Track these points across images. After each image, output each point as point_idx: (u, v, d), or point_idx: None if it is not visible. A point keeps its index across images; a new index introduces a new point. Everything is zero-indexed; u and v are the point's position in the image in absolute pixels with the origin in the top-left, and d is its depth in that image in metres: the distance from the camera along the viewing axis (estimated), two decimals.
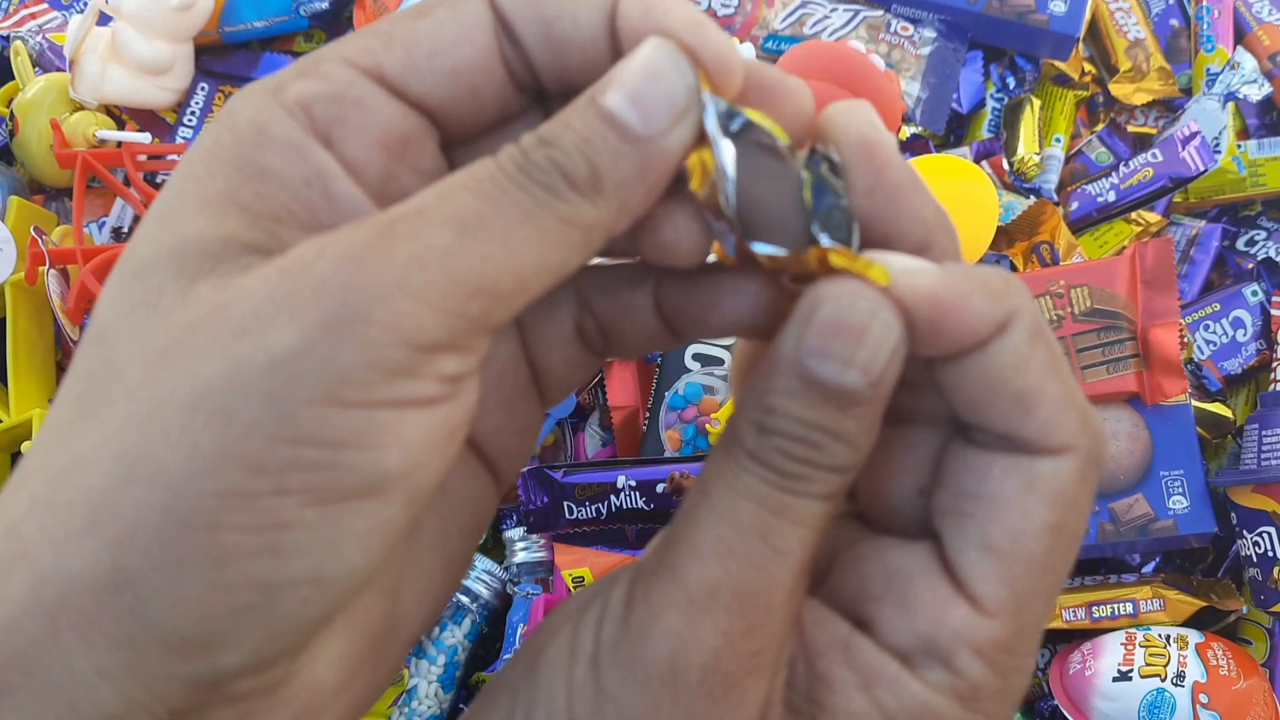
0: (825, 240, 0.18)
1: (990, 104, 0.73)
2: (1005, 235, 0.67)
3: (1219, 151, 0.69)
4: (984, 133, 0.72)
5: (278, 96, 0.18)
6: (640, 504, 0.58)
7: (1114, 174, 0.70)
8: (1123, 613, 0.58)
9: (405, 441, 0.16)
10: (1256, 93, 0.71)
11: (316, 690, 0.17)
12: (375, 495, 0.16)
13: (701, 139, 0.19)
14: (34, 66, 0.72)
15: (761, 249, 0.18)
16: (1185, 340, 0.62)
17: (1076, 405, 0.18)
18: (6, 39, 0.75)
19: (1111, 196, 0.69)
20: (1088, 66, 0.75)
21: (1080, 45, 0.73)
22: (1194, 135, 0.68)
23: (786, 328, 0.18)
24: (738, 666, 0.17)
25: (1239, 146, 0.69)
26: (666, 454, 0.60)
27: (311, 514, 0.15)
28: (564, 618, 0.19)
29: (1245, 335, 0.64)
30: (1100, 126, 0.74)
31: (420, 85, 0.19)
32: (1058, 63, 0.73)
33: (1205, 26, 0.75)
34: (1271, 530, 0.56)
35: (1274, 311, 0.64)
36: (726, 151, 0.18)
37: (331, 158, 0.18)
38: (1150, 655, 0.55)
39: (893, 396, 0.19)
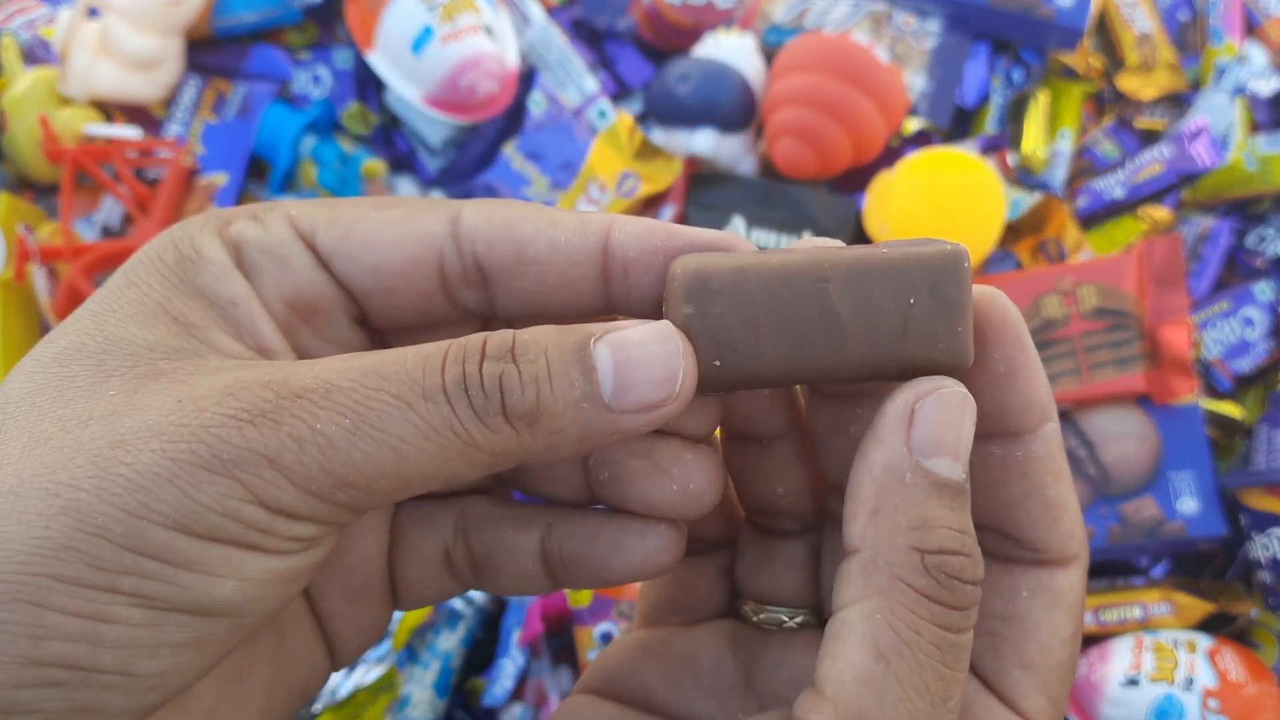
0: None
1: (995, 98, 0.72)
2: (1011, 231, 0.66)
3: (1228, 147, 0.68)
4: (989, 127, 0.71)
5: (221, 229, 0.20)
6: None
7: (1122, 169, 0.68)
8: (1131, 617, 0.57)
9: (243, 576, 0.17)
10: (1266, 87, 0.70)
11: None
12: (202, 615, 0.17)
13: None
14: (23, 62, 0.71)
15: None
16: (1195, 339, 0.61)
17: (1080, 516, 0.20)
18: None
19: (1120, 193, 0.68)
20: (1094, 60, 0.73)
21: (1087, 38, 0.72)
22: (1202, 130, 0.67)
23: (878, 439, 0.18)
24: None
25: (1249, 142, 0.68)
26: None
27: (137, 614, 0.16)
28: None
29: (1255, 334, 0.63)
30: (1107, 121, 0.73)
31: (344, 265, 0.20)
32: (1064, 56, 0.72)
33: (1214, 19, 0.73)
34: None
35: None
36: None
37: (254, 291, 0.20)
38: (1159, 660, 0.54)
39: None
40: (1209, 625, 0.56)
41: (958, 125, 0.72)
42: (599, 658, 0.24)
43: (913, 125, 0.69)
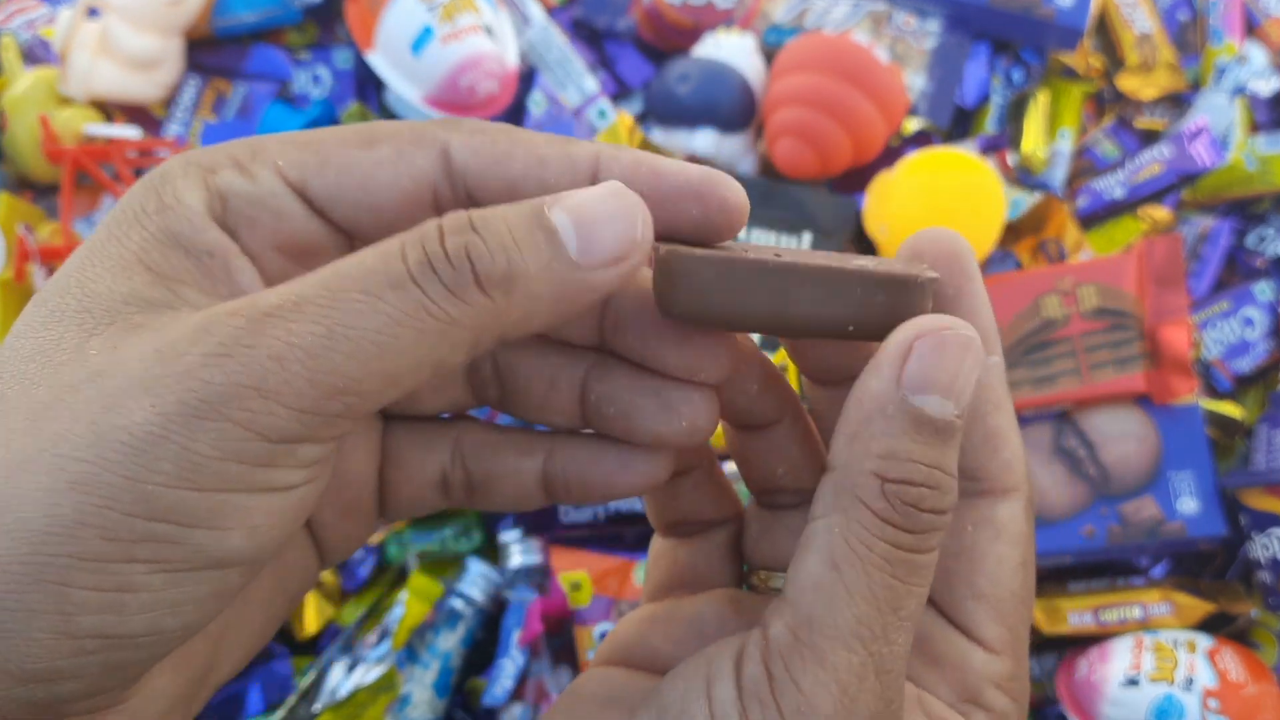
0: None
1: (996, 98, 0.72)
2: (1011, 231, 0.66)
3: (1228, 147, 0.68)
4: (989, 127, 0.71)
5: (207, 177, 0.19)
6: (638, 507, 0.57)
7: (1122, 169, 0.68)
8: (1131, 617, 0.57)
9: (253, 524, 0.17)
10: (1266, 87, 0.70)
11: (140, 717, 0.18)
12: (219, 567, 0.17)
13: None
14: (22, 62, 0.71)
15: None
16: (1195, 339, 0.61)
17: (1021, 450, 0.21)
18: None
19: (1120, 193, 0.68)
20: (1094, 60, 0.73)
21: (1087, 38, 0.72)
22: (1202, 130, 0.67)
23: (874, 369, 0.19)
24: None
25: (1249, 142, 0.68)
26: None
27: (157, 580, 0.16)
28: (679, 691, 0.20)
29: (1255, 334, 0.63)
30: (1107, 121, 0.73)
31: (340, 211, 0.20)
32: (1064, 56, 0.72)
33: (1214, 19, 0.73)
34: None
35: None
36: None
37: (234, 243, 0.19)
38: (1159, 660, 0.54)
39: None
40: (1209, 625, 0.56)
41: (958, 125, 0.72)
42: (609, 634, 0.25)
43: (913, 125, 0.69)
